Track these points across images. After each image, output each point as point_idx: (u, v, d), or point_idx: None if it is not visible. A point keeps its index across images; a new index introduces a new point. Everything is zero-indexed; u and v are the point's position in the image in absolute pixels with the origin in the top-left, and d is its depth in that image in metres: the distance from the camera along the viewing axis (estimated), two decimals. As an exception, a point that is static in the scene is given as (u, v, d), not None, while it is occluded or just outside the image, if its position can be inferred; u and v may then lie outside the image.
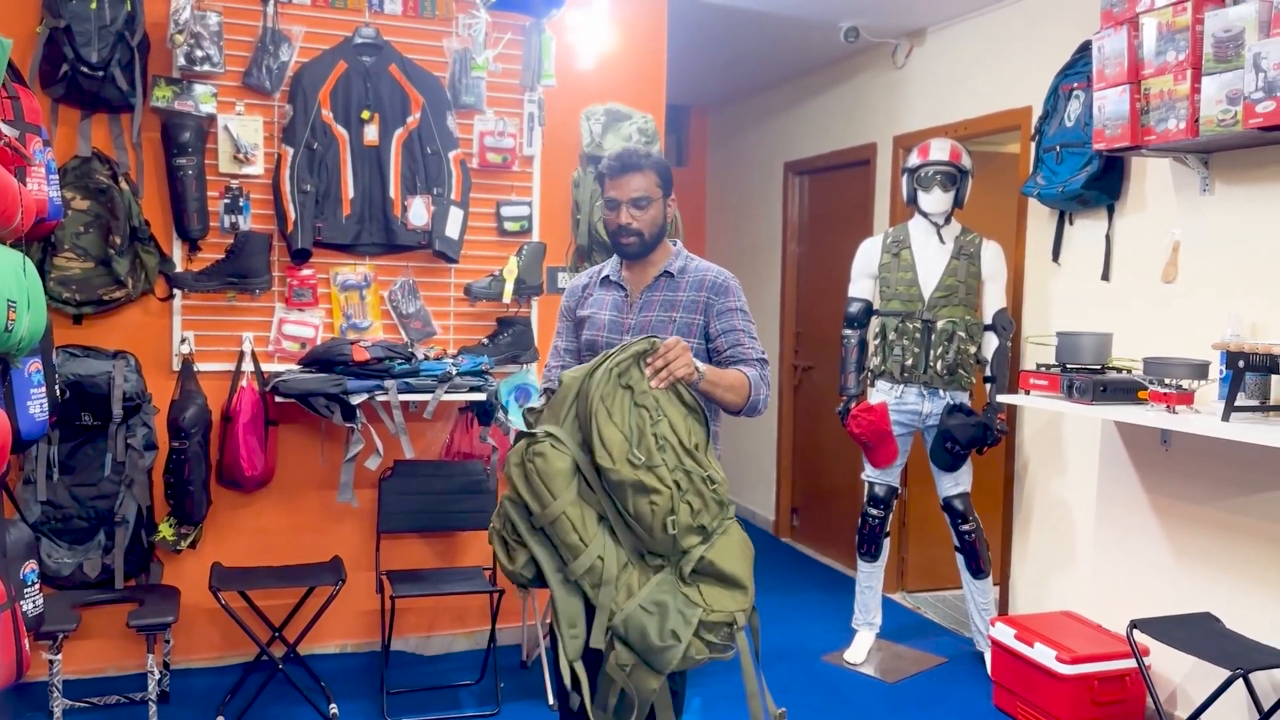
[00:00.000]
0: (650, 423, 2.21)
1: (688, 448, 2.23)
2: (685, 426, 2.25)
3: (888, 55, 5.26)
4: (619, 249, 2.65)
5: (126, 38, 3.52)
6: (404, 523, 3.96)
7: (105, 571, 3.60)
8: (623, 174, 2.60)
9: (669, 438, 2.21)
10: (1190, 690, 3.49)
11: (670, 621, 2.17)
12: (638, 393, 2.23)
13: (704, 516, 2.23)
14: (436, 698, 3.79)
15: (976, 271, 4.12)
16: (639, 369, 2.25)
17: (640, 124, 4.25)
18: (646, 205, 2.60)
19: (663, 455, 2.19)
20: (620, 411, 2.21)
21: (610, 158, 2.64)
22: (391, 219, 3.90)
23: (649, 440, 2.19)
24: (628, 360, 2.25)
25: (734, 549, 2.27)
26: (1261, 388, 3.10)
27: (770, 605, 5.04)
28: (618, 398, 2.22)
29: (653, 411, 2.22)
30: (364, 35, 3.87)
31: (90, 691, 3.65)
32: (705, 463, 2.26)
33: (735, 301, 2.63)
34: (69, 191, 3.56)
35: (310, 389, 3.62)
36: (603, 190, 2.65)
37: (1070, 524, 4.12)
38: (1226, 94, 2.97)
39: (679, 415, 2.26)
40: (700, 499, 2.22)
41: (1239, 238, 3.35)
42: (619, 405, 2.21)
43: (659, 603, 2.18)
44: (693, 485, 2.21)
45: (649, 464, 2.17)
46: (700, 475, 2.22)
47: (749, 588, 2.28)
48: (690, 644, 2.20)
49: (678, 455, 2.22)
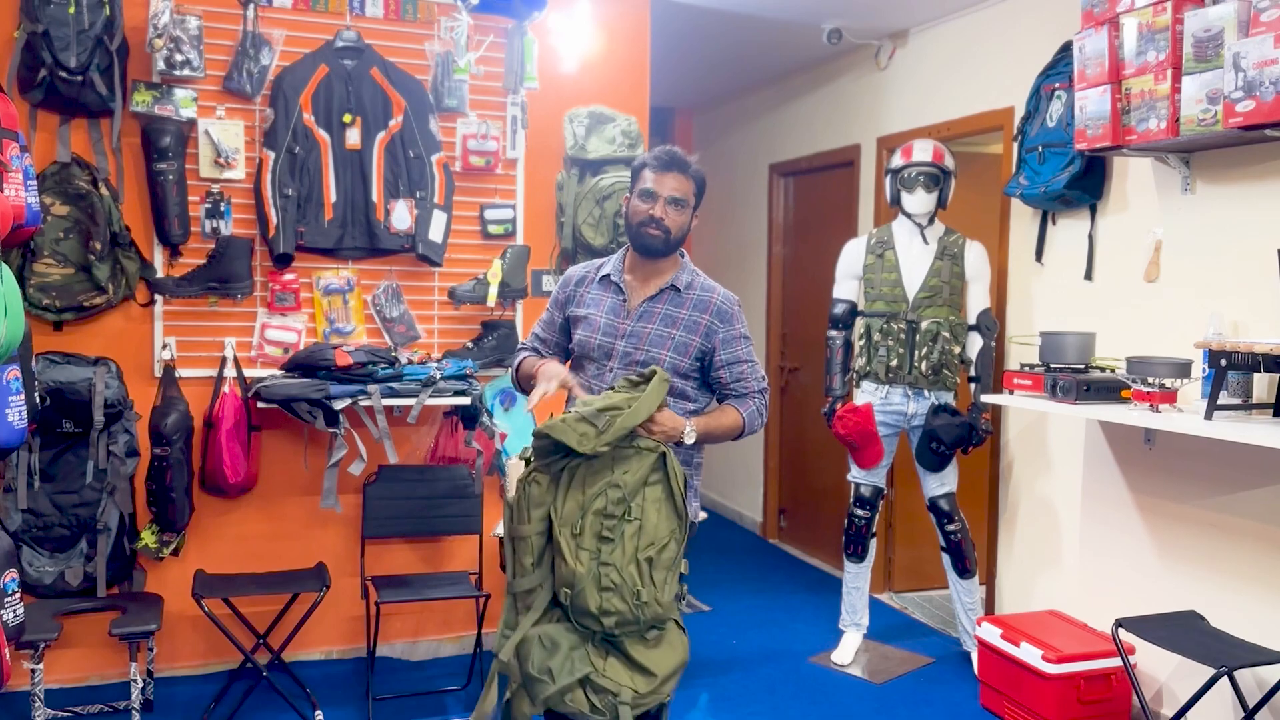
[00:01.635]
0: (614, 508, 2.24)
1: (638, 559, 2.25)
2: (653, 535, 2.26)
3: (870, 57, 5.27)
4: (641, 240, 2.60)
5: (105, 42, 3.50)
6: (389, 528, 3.94)
7: (87, 580, 3.57)
8: (668, 170, 2.59)
9: (627, 541, 2.24)
10: (1175, 688, 3.50)
11: (554, 660, 2.24)
12: (617, 476, 2.27)
13: (624, 618, 2.25)
14: (423, 703, 3.77)
15: (960, 272, 4.13)
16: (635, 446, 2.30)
17: (624, 126, 4.24)
18: (682, 208, 2.61)
19: (608, 548, 2.23)
20: (592, 481, 2.26)
21: (658, 151, 2.62)
22: (374, 223, 3.88)
23: (598, 526, 2.24)
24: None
25: (658, 650, 2.31)
26: (1244, 386, 3.11)
27: (757, 607, 5.04)
28: (595, 470, 2.27)
29: (628, 501, 2.25)
30: (345, 39, 3.86)
31: (73, 701, 3.62)
32: (646, 583, 2.24)
33: (740, 328, 2.65)
34: (48, 197, 3.53)
35: (293, 394, 3.60)
36: (635, 181, 2.63)
37: (1055, 523, 4.13)
38: (1207, 93, 2.99)
39: (655, 520, 2.27)
40: (625, 604, 2.23)
41: (1220, 237, 3.36)
42: (594, 474, 2.27)
43: (554, 640, 2.26)
44: (622, 592, 2.23)
45: (593, 552, 2.23)
46: (631, 590, 2.23)
47: (659, 680, 2.30)
48: (568, 691, 2.25)
49: (625, 558, 2.24)
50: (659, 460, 2.30)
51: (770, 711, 3.81)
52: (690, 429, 2.47)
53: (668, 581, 2.28)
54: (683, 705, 3.71)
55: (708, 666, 4.21)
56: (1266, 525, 3.19)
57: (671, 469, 2.30)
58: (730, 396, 2.65)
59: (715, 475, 6.95)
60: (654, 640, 2.32)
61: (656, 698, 2.32)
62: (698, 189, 2.65)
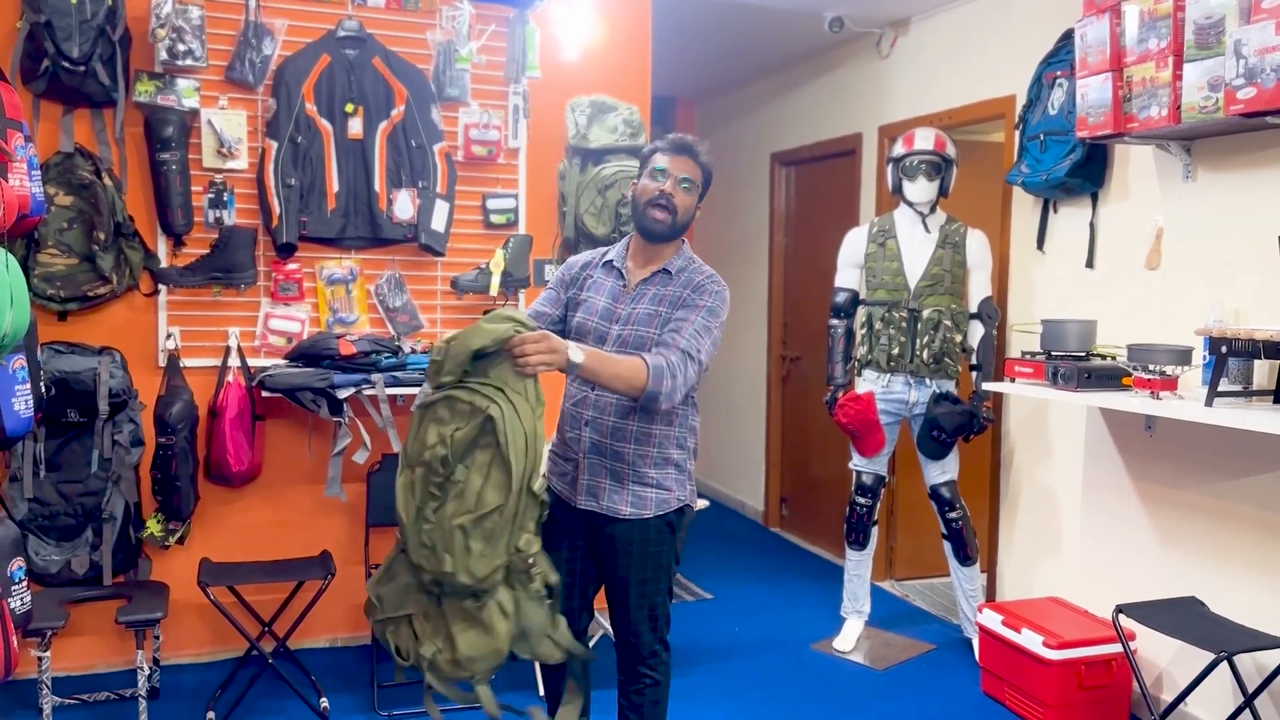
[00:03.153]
0: (440, 467, 2.19)
1: (453, 524, 2.19)
2: (471, 502, 2.18)
3: (872, 45, 5.27)
4: (647, 222, 2.61)
5: (108, 32, 3.50)
6: (393, 516, 3.93)
7: (93, 568, 3.59)
8: (680, 154, 2.61)
9: (449, 502, 2.19)
10: (1175, 673, 3.51)
11: (386, 588, 2.35)
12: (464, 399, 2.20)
13: (437, 577, 2.24)
14: (427, 690, 3.79)
15: (962, 260, 4.14)
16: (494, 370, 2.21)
17: (626, 115, 4.24)
18: (690, 191, 2.62)
19: (432, 505, 2.22)
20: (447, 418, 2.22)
21: (671, 137, 2.65)
22: (377, 212, 3.89)
23: (426, 481, 2.22)
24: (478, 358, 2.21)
25: (471, 628, 2.27)
26: (1244, 373, 3.12)
27: (759, 595, 5.06)
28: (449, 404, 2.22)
29: (452, 462, 2.18)
30: (347, 28, 3.86)
31: (80, 688, 3.65)
32: (459, 551, 2.19)
33: (705, 300, 2.57)
34: (52, 187, 3.54)
35: (297, 383, 3.61)
36: (645, 164, 2.64)
37: (1056, 510, 4.14)
38: (1208, 81, 2.99)
39: (478, 486, 2.18)
40: (437, 565, 2.22)
41: (1221, 224, 3.37)
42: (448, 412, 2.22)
43: (394, 572, 2.36)
44: (436, 552, 2.22)
45: (420, 505, 2.24)
46: (442, 553, 2.20)
47: (462, 657, 2.27)
48: (390, 624, 2.33)
49: (445, 518, 2.20)
50: (486, 422, 2.17)
51: (772, 698, 3.83)
52: (578, 350, 2.27)
53: (485, 554, 2.18)
54: (685, 692, 3.72)
55: (710, 654, 4.23)
56: (1266, 511, 3.20)
57: (505, 434, 2.15)
58: (651, 347, 2.51)
59: (717, 464, 6.97)
60: (471, 610, 2.24)
61: (459, 672, 2.26)
62: (705, 178, 2.67)
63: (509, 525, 2.20)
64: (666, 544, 2.61)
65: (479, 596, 2.24)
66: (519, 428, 2.17)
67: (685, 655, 4.05)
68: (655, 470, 2.59)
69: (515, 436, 2.16)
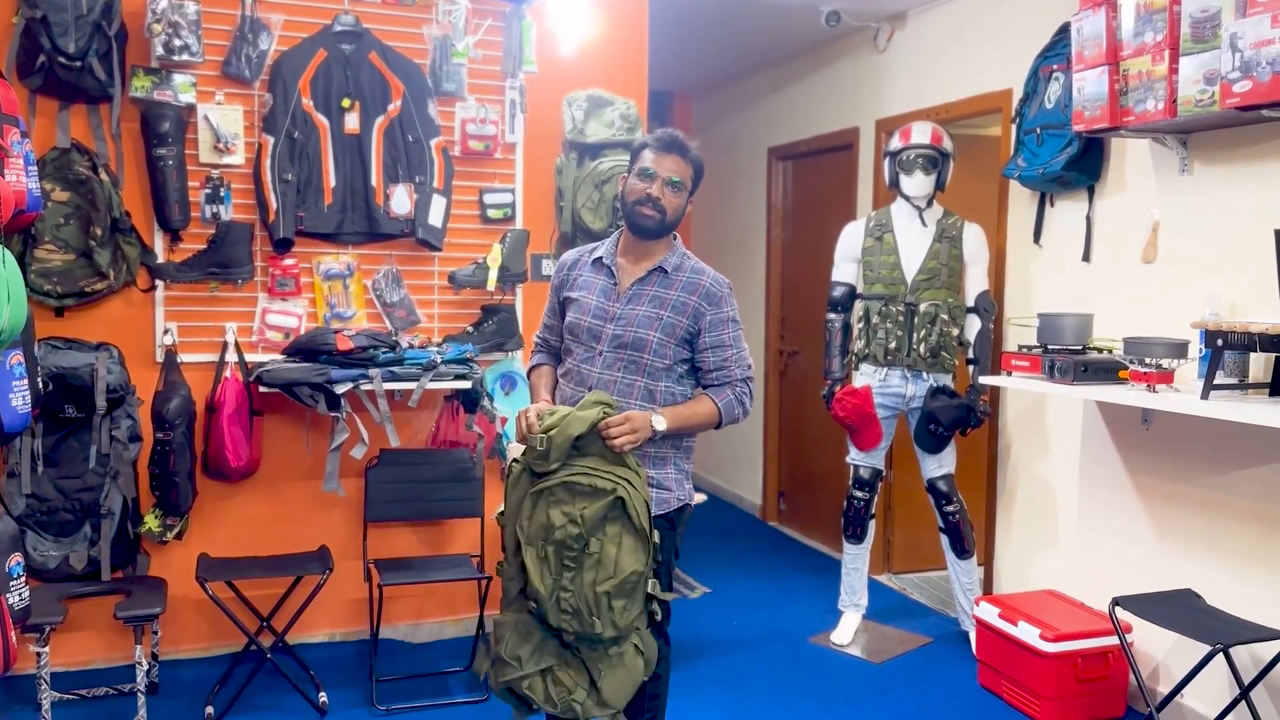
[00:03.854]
0: (574, 543, 2.37)
1: (596, 590, 2.37)
2: (612, 569, 2.37)
3: (869, 39, 5.27)
4: (636, 220, 2.62)
5: (104, 27, 3.50)
6: (391, 511, 3.96)
7: (91, 564, 3.59)
8: (668, 152, 2.61)
9: (586, 572, 2.37)
10: (1172, 666, 3.53)
11: (524, 649, 2.48)
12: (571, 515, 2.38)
13: (581, 635, 2.43)
14: (426, 685, 3.80)
15: (958, 254, 4.14)
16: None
17: (623, 110, 4.24)
18: (678, 190, 2.62)
19: (569, 575, 2.39)
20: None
21: (659, 133, 2.65)
22: (374, 207, 3.89)
23: (560, 555, 2.39)
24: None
25: (613, 671, 2.47)
26: (1240, 366, 3.13)
27: (757, 588, 5.07)
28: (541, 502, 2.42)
29: (586, 537, 2.36)
30: (343, 23, 3.85)
31: (78, 684, 3.65)
32: (603, 612, 2.37)
33: (728, 311, 2.64)
34: (48, 183, 3.53)
35: (294, 379, 3.61)
36: (634, 161, 2.65)
37: (1053, 503, 4.15)
38: (1204, 74, 2.99)
39: (614, 554, 2.37)
40: (582, 626, 2.40)
41: (1218, 217, 3.37)
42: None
43: (529, 630, 2.49)
44: (580, 617, 2.39)
45: (555, 576, 2.41)
46: (589, 618, 2.38)
47: (608, 698, 2.46)
48: (529, 678, 2.48)
49: (584, 586, 2.38)
50: (615, 502, 2.37)
51: (770, 691, 3.84)
52: (660, 419, 2.52)
53: (627, 608, 2.40)
54: (684, 685, 3.73)
55: (709, 647, 4.24)
56: (1262, 504, 3.21)
57: (632, 509, 2.37)
58: (711, 386, 2.66)
59: (715, 458, 6.98)
60: (613, 657, 2.45)
61: (605, 710, 2.46)
62: (695, 175, 2.66)
63: (642, 579, 2.43)
64: (667, 541, 2.62)
65: (620, 643, 2.46)
66: (640, 498, 2.41)
67: (684, 649, 4.06)
68: (655, 470, 2.60)
69: (640, 509, 2.40)
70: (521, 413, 2.51)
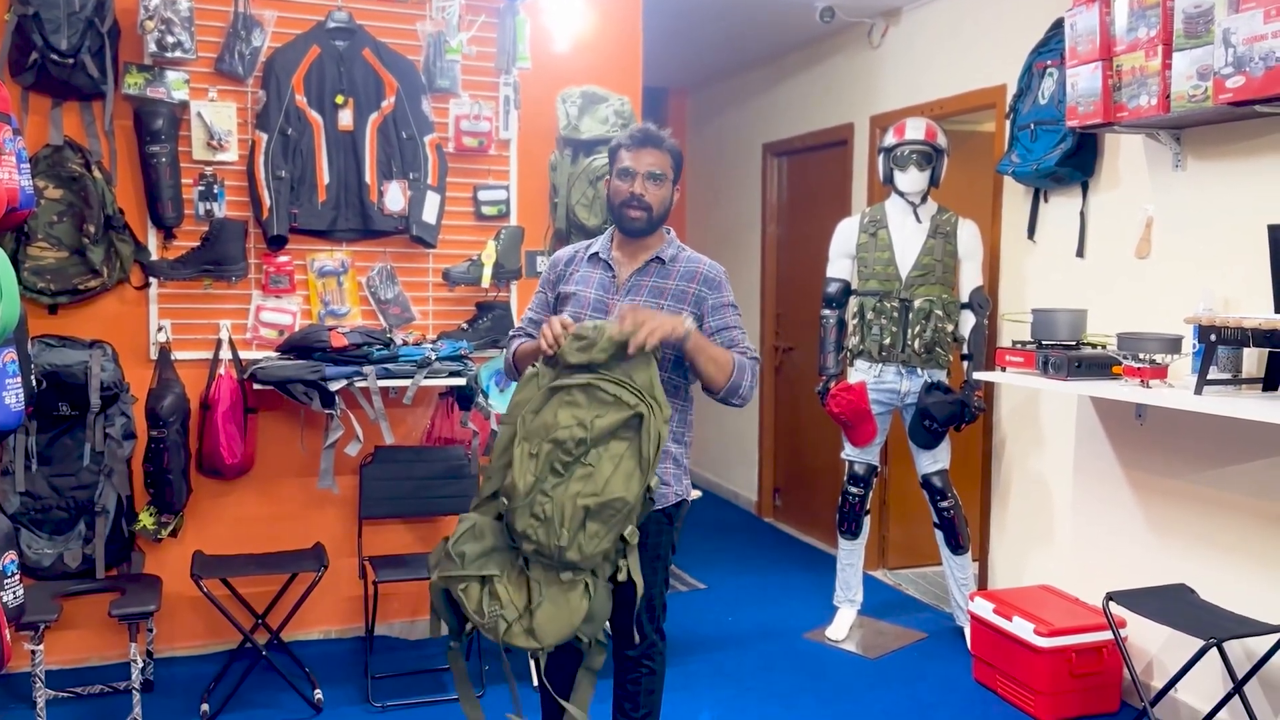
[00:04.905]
0: (574, 447, 2.28)
1: (577, 502, 2.27)
2: (599, 487, 2.27)
3: (863, 35, 5.27)
4: (624, 221, 2.62)
5: (96, 24, 3.49)
6: (386, 508, 3.96)
7: (86, 561, 3.59)
8: (642, 147, 2.61)
9: (573, 482, 2.28)
10: (1166, 660, 3.53)
11: (471, 546, 2.38)
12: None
13: (541, 549, 2.31)
14: (421, 681, 3.80)
15: (953, 250, 4.15)
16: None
17: (617, 106, 4.24)
18: (660, 182, 2.61)
19: (554, 480, 2.29)
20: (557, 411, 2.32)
21: (630, 130, 2.65)
22: (368, 204, 3.89)
23: (554, 456, 2.29)
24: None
25: (554, 603, 2.34)
26: (1233, 361, 3.13)
27: (752, 584, 5.07)
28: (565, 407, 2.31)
29: (588, 445, 2.28)
30: (337, 19, 3.85)
31: (73, 681, 3.65)
32: (575, 527, 2.27)
33: (728, 296, 2.65)
34: (41, 180, 3.52)
35: (288, 376, 3.61)
36: (613, 162, 2.65)
37: (1047, 499, 4.16)
38: (1197, 70, 3.00)
39: (608, 474, 2.28)
40: (547, 538, 2.29)
41: (1211, 212, 3.38)
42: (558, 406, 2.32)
43: (483, 531, 2.41)
44: (549, 526, 2.29)
45: (540, 477, 2.31)
46: (557, 528, 2.27)
47: (538, 628, 2.33)
48: (466, 581, 2.36)
49: (566, 495, 2.28)
50: (634, 419, 2.29)
51: (765, 686, 3.84)
52: (690, 320, 2.45)
53: (599, 535, 2.29)
54: (680, 681, 3.74)
55: (704, 643, 4.24)
56: (1255, 499, 3.22)
57: (647, 431, 2.28)
58: None
59: (710, 454, 6.98)
60: (562, 584, 2.33)
61: (529, 641, 2.34)
62: (675, 162, 2.65)
63: (626, 515, 2.31)
64: (664, 536, 2.62)
65: (575, 572, 2.33)
66: (658, 427, 2.31)
67: (680, 645, 4.06)
68: None
69: (653, 437, 2.30)
70: (548, 321, 2.42)
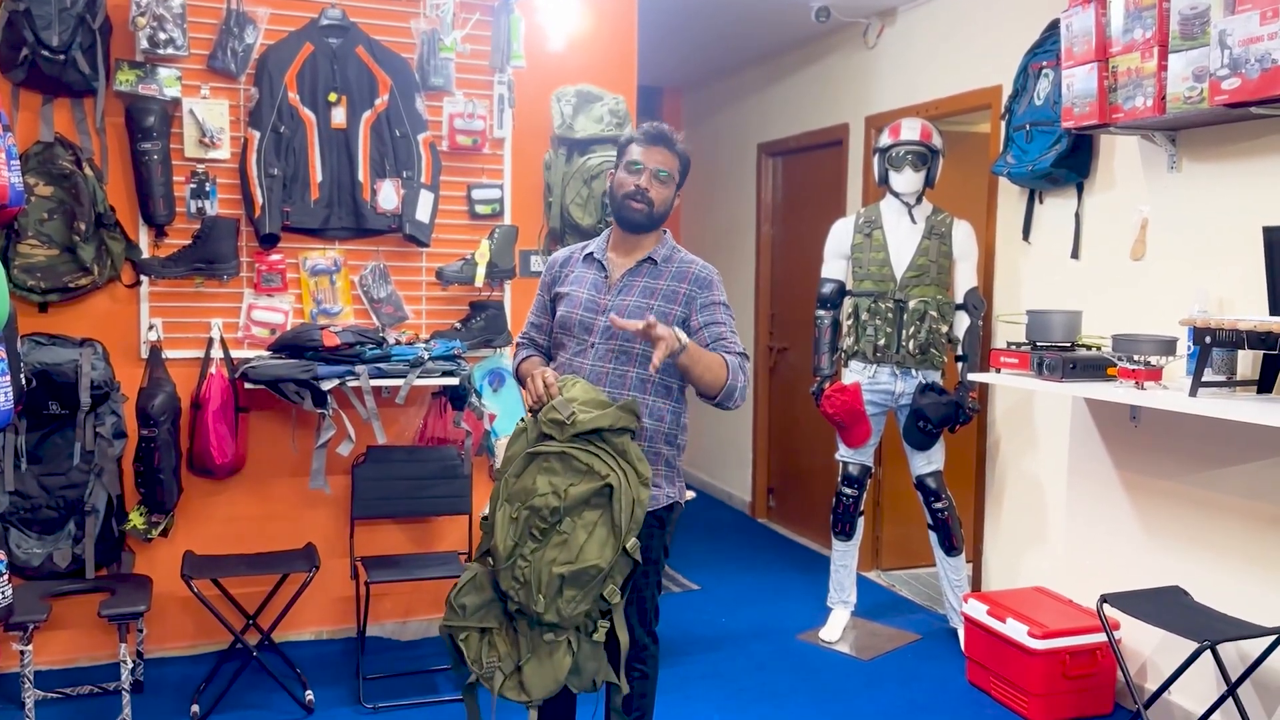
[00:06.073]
0: (549, 515, 2.33)
1: (553, 570, 2.32)
2: (573, 555, 2.32)
3: (859, 35, 5.26)
4: (625, 214, 2.62)
5: (88, 20, 3.47)
6: (378, 509, 3.94)
7: (75, 561, 3.56)
8: (655, 145, 2.62)
9: (549, 549, 2.33)
10: (1160, 662, 3.53)
11: (472, 599, 2.47)
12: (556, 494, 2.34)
13: (523, 609, 2.38)
14: (413, 683, 3.78)
15: (948, 251, 4.14)
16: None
17: (612, 105, 4.22)
18: (666, 182, 2.62)
19: (532, 545, 2.35)
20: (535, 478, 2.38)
21: (645, 126, 2.65)
22: (361, 203, 3.87)
23: (532, 523, 2.34)
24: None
25: (540, 661, 2.42)
26: (1228, 363, 3.13)
27: (746, 585, 5.06)
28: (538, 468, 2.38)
29: (561, 515, 2.32)
30: (330, 17, 3.83)
31: (62, 682, 3.62)
32: (550, 593, 2.33)
33: (718, 295, 2.64)
34: (31, 178, 3.50)
35: (280, 375, 3.59)
36: (621, 156, 2.65)
37: (1042, 500, 4.15)
38: (1193, 71, 2.99)
39: (582, 542, 2.33)
40: (527, 600, 2.35)
41: (1206, 214, 3.37)
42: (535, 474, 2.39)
43: (484, 585, 2.49)
44: (529, 589, 2.35)
45: (519, 542, 2.37)
46: (534, 593, 2.34)
47: (529, 686, 2.42)
48: (466, 631, 2.47)
49: (543, 562, 2.34)
50: (604, 489, 2.33)
51: (759, 688, 3.83)
52: (684, 335, 2.42)
53: (576, 599, 2.34)
54: (673, 683, 3.72)
55: (698, 644, 4.23)
56: (1250, 501, 3.22)
57: (618, 501, 2.32)
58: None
59: (704, 455, 6.97)
60: (546, 645, 2.41)
61: (520, 696, 2.42)
62: (683, 167, 2.66)
63: (602, 580, 2.36)
64: (656, 539, 2.61)
65: (556, 632, 2.40)
66: (630, 497, 2.35)
67: (673, 646, 4.05)
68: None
69: (626, 505, 2.34)
70: (535, 374, 2.44)
